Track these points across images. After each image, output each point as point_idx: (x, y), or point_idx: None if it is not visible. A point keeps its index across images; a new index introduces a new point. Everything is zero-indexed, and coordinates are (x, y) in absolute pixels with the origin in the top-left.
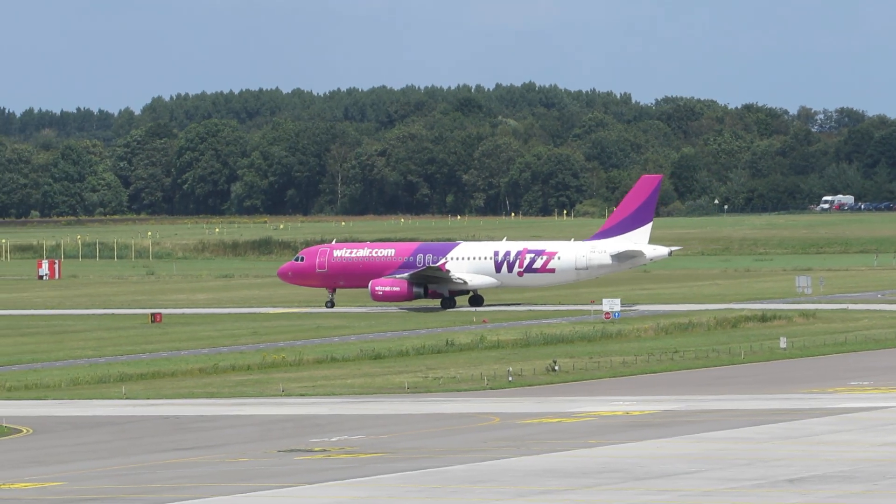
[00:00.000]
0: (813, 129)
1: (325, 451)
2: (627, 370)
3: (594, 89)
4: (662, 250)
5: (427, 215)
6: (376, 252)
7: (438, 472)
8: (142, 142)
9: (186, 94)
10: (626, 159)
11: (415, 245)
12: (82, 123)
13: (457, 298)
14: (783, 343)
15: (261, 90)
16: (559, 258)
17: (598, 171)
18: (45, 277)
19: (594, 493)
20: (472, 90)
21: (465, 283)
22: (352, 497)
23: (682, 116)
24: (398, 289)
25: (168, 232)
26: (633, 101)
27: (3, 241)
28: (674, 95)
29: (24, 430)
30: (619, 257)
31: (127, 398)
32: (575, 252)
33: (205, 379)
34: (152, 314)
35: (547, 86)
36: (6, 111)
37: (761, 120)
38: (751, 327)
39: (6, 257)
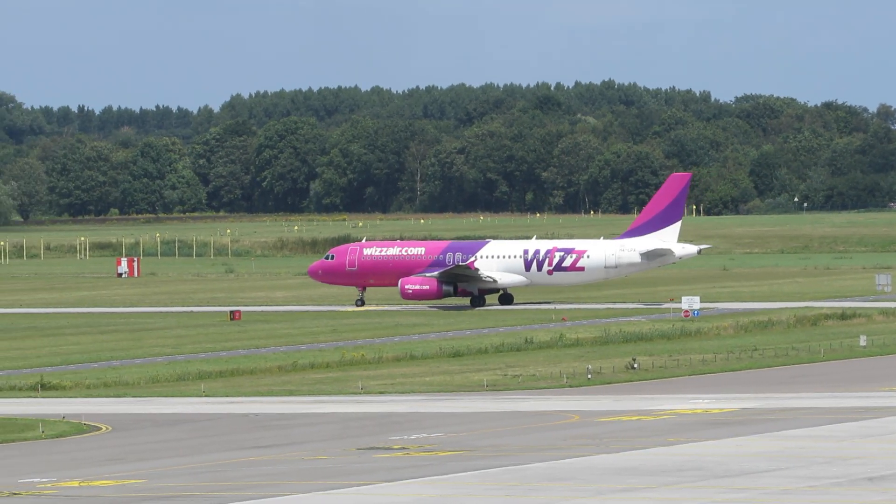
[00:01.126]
0: (893, 127)
1: (404, 448)
2: (707, 368)
3: (674, 87)
4: (692, 249)
5: (506, 213)
6: (406, 250)
7: (517, 469)
8: (221, 139)
9: (265, 92)
10: (706, 157)
11: (445, 244)
12: (161, 121)
13: (486, 297)
14: (863, 341)
15: (340, 88)
16: (588, 256)
17: (677, 168)
18: (124, 275)
19: (673, 491)
20: (552, 88)
21: (495, 281)
22: (431, 495)
23: (761, 114)
24: (428, 287)
25: (247, 229)
26: (713, 98)
27: (83, 238)
28: (753, 93)
29: (104, 428)
30: (648, 255)
31: (206, 396)
32: (604, 250)
33: (284, 377)
34: (231, 312)
35: (626, 83)
36: (86, 109)
37: (841, 118)
38: (830, 325)
39: (85, 255)
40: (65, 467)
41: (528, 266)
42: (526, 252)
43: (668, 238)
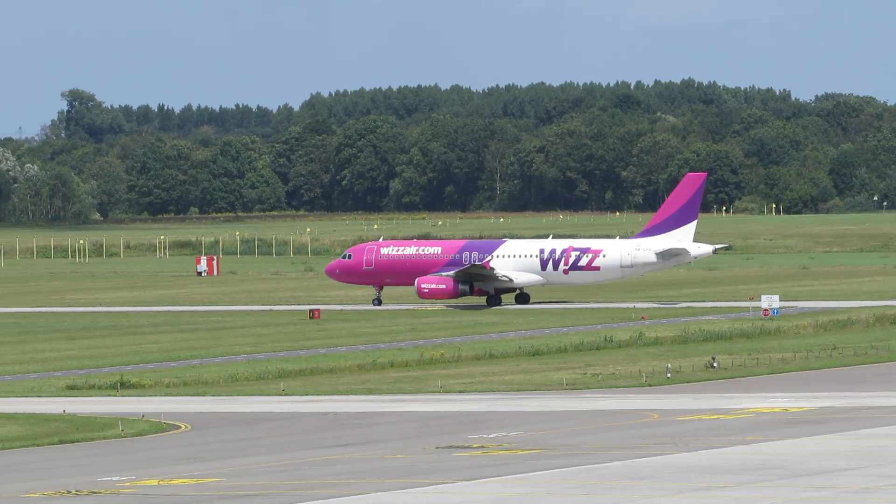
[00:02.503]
0: None
1: (483, 447)
2: (786, 367)
3: (753, 86)
4: (707, 248)
5: (586, 212)
6: (423, 250)
7: (596, 468)
8: (300, 138)
9: (345, 91)
10: (785, 156)
11: (461, 243)
12: (241, 120)
13: (503, 296)
14: None
15: (419, 86)
16: (604, 256)
17: (756, 167)
18: (203, 274)
19: (752, 489)
20: (632, 87)
21: (511, 280)
22: (510, 493)
23: (841, 113)
24: (444, 286)
25: (326, 228)
26: (793, 97)
27: (162, 237)
28: (833, 92)
29: (183, 427)
30: (664, 255)
31: (285, 394)
32: (620, 250)
33: (363, 375)
34: (311, 310)
35: (706, 82)
36: (165, 108)
37: None
38: None
39: (165, 253)
40: (144, 466)
41: (544, 265)
42: (542, 251)
43: (683, 238)
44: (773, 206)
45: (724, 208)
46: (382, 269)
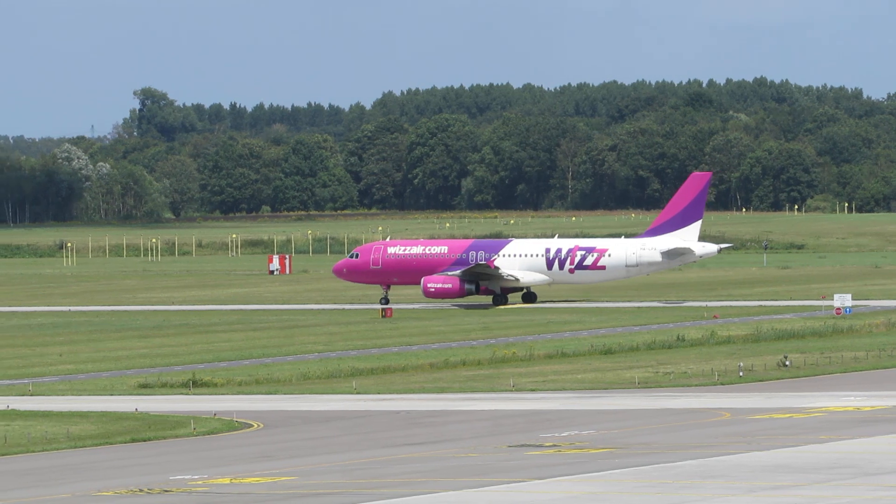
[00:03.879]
0: None
1: (555, 446)
2: (858, 365)
3: (825, 84)
4: (712, 247)
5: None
6: (429, 249)
7: (669, 467)
8: (372, 137)
9: (417, 89)
10: (858, 154)
11: (468, 242)
12: (313, 118)
13: (510, 296)
14: None
15: (491, 85)
16: (609, 255)
17: (829, 166)
18: (275, 272)
19: (825, 488)
20: (704, 85)
21: (517, 280)
22: (582, 492)
23: None
24: (450, 286)
25: (398, 227)
26: (865, 95)
27: (234, 235)
28: None
29: (255, 425)
30: (669, 254)
31: (357, 393)
32: (625, 249)
33: (435, 374)
34: (383, 309)
35: (778, 81)
36: (237, 106)
37: None
38: None
39: (237, 252)
40: (216, 464)
41: (549, 265)
42: (548, 251)
43: (688, 237)
44: (845, 204)
45: (796, 207)
46: (390, 268)
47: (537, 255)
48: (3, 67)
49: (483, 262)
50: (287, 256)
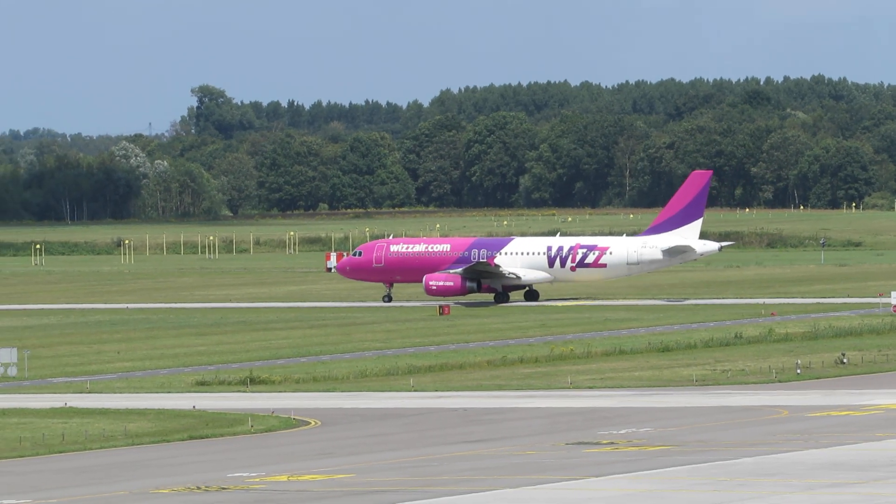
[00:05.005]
0: None
1: (612, 443)
2: None
3: (882, 82)
4: (713, 245)
5: (715, 208)
6: (432, 247)
7: (726, 465)
8: (430, 134)
9: (475, 87)
10: None
11: (470, 240)
12: (371, 116)
13: (513, 294)
14: None
15: (549, 83)
16: (611, 253)
17: (886, 163)
18: (333, 270)
19: (882, 486)
20: (761, 82)
21: (519, 277)
22: (639, 490)
23: None
24: (451, 283)
25: (456, 224)
26: None
27: (292, 233)
28: None
29: (313, 423)
30: (670, 252)
31: (415, 390)
32: (626, 247)
33: (493, 371)
34: (440, 306)
35: (836, 78)
36: (295, 104)
37: None
38: None
39: (295, 249)
40: (274, 462)
41: (551, 262)
42: (549, 249)
43: (689, 235)
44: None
45: (853, 205)
46: (392, 266)
47: (539, 253)
48: (61, 65)
49: (483, 261)
50: (345, 254)
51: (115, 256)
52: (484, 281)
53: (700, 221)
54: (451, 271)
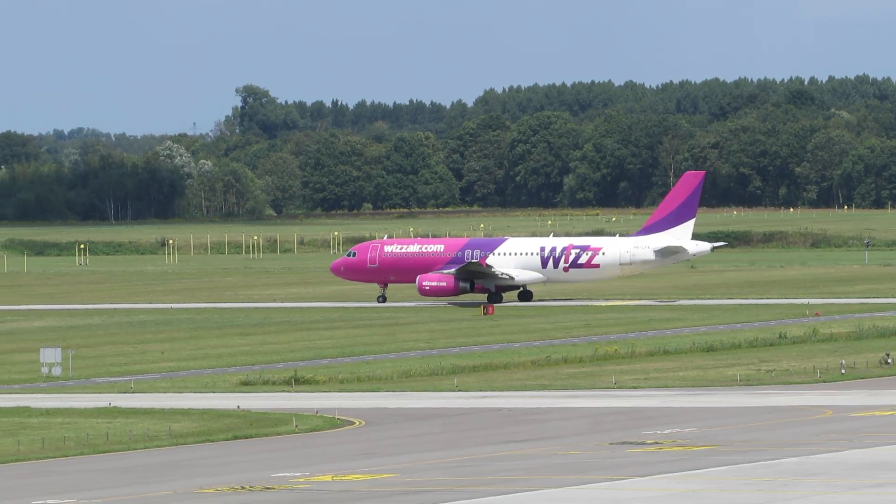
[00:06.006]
0: None
1: (656, 443)
2: None
3: None
4: (705, 246)
5: (759, 208)
6: (426, 248)
7: (770, 464)
8: (474, 134)
9: (519, 87)
10: None
11: (463, 241)
12: (415, 115)
13: (507, 294)
14: None
15: (593, 82)
16: (603, 254)
17: None
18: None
19: None
20: (806, 82)
21: (512, 278)
22: (683, 490)
23: None
24: (444, 284)
25: (500, 224)
26: None
27: (336, 233)
28: None
29: (357, 423)
30: (662, 253)
31: (459, 390)
32: (619, 248)
33: (537, 371)
34: (484, 306)
35: (880, 78)
36: (339, 103)
37: None
38: None
39: (339, 249)
40: (318, 461)
41: (544, 263)
42: (543, 249)
43: (681, 236)
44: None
45: None
46: (386, 266)
47: (532, 254)
48: (106, 65)
49: (474, 261)
50: None
51: (160, 256)
52: (477, 281)
53: (693, 222)
54: (445, 272)
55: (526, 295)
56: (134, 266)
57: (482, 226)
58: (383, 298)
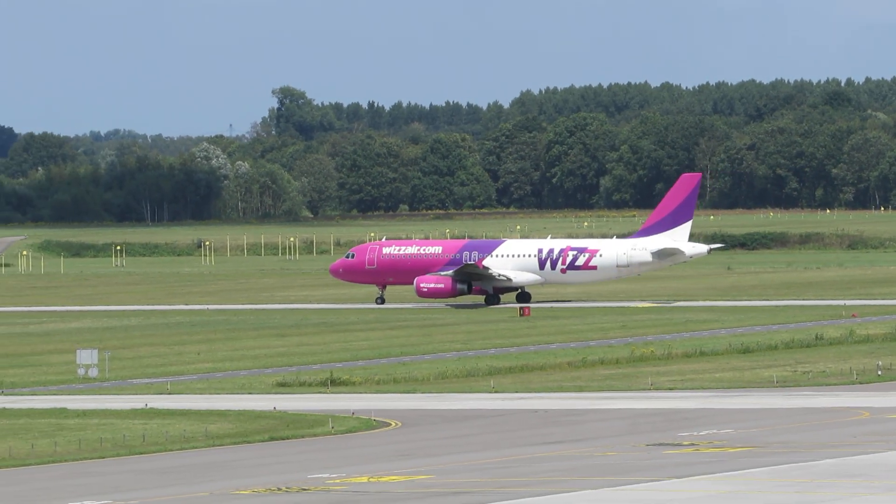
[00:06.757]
0: None
1: (693, 445)
2: None
3: None
4: (702, 248)
5: (796, 209)
6: (424, 249)
7: (807, 466)
8: (510, 135)
9: (555, 88)
10: None
11: (461, 242)
12: (451, 117)
13: (505, 295)
14: None
15: (629, 84)
16: (601, 255)
17: None
18: None
19: None
20: (842, 84)
21: (510, 280)
22: (720, 491)
23: None
24: (442, 285)
25: (536, 225)
26: None
27: (373, 234)
28: None
29: (393, 424)
30: (659, 254)
31: (495, 392)
32: (616, 249)
33: (573, 373)
34: (521, 308)
35: None
36: (375, 105)
37: None
38: None
39: None
40: (354, 463)
41: (542, 265)
42: (540, 251)
43: (678, 237)
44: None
45: None
46: (385, 268)
47: (530, 256)
48: (142, 67)
49: (471, 262)
50: None
51: (196, 258)
52: (475, 283)
53: (689, 224)
54: (442, 273)
55: (524, 296)
56: (170, 267)
57: (518, 227)
58: (382, 300)
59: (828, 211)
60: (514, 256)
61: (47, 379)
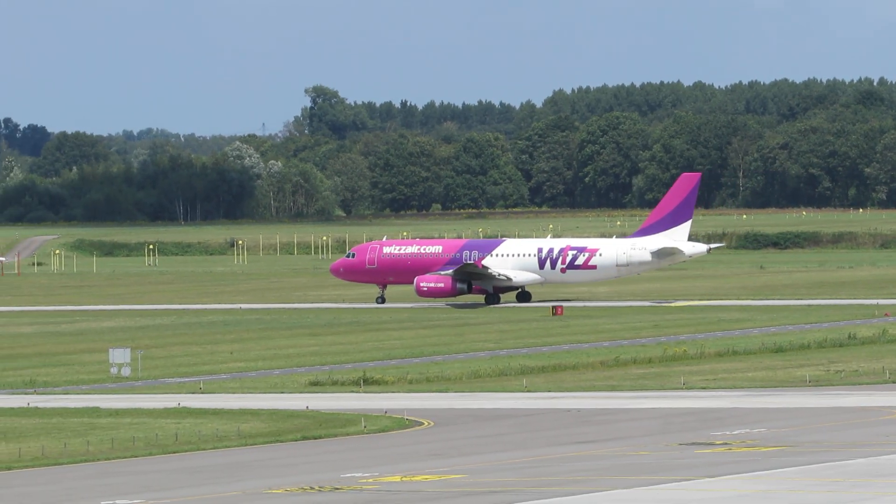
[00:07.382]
0: None
1: (726, 444)
2: None
3: None
4: (701, 247)
5: (828, 209)
6: (424, 249)
7: (839, 465)
8: (543, 135)
9: (588, 87)
10: None
11: (461, 242)
12: (484, 116)
13: (506, 295)
14: None
15: (662, 83)
16: (600, 255)
17: None
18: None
19: None
20: (875, 83)
21: (510, 279)
22: (753, 490)
23: None
24: (442, 285)
25: (569, 225)
26: None
27: (405, 233)
28: None
29: (426, 423)
30: (659, 254)
31: (528, 391)
32: (616, 249)
33: (606, 372)
34: (553, 307)
35: None
36: (409, 104)
37: None
38: None
39: None
40: (387, 462)
41: (542, 264)
42: (540, 250)
43: (678, 237)
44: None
45: None
46: (385, 267)
47: (529, 255)
48: (175, 66)
49: (470, 262)
50: None
51: (229, 257)
52: (475, 282)
53: (689, 223)
54: (442, 273)
55: (524, 296)
56: (203, 266)
57: (551, 226)
58: (382, 300)
59: (860, 210)
60: (513, 256)
61: (80, 378)
